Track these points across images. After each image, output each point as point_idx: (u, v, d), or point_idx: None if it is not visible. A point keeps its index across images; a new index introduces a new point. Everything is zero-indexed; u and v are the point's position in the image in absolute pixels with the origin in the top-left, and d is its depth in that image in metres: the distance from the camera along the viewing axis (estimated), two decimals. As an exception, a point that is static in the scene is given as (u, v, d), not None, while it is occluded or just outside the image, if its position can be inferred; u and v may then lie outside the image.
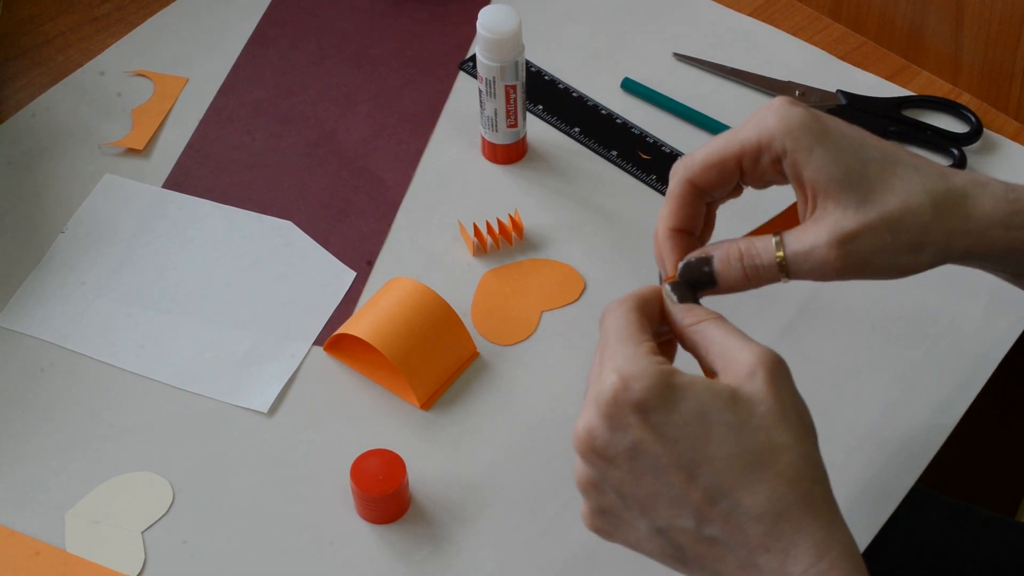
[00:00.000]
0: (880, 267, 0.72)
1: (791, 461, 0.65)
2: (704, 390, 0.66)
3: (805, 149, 0.72)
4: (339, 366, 0.94)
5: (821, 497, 0.66)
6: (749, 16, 1.17)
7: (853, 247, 0.71)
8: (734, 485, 0.66)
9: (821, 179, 0.72)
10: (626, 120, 1.08)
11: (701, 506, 0.66)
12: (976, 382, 0.93)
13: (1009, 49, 1.06)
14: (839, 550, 0.65)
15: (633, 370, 0.67)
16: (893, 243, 0.72)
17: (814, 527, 0.65)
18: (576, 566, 0.85)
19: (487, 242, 1.00)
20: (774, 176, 0.74)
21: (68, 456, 0.90)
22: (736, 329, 0.69)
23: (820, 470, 0.67)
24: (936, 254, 0.73)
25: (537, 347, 0.95)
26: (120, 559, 0.85)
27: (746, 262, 0.73)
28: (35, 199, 1.04)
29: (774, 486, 0.65)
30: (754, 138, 0.73)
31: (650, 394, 0.66)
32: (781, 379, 0.67)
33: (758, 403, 0.66)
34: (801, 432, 0.66)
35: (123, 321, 0.96)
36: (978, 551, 1.01)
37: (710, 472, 0.66)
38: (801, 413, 0.67)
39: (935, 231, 0.72)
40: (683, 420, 0.66)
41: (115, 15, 1.17)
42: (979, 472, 1.24)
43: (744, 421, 0.66)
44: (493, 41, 0.98)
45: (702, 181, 0.74)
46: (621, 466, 0.67)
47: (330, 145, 1.08)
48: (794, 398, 0.67)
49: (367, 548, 0.85)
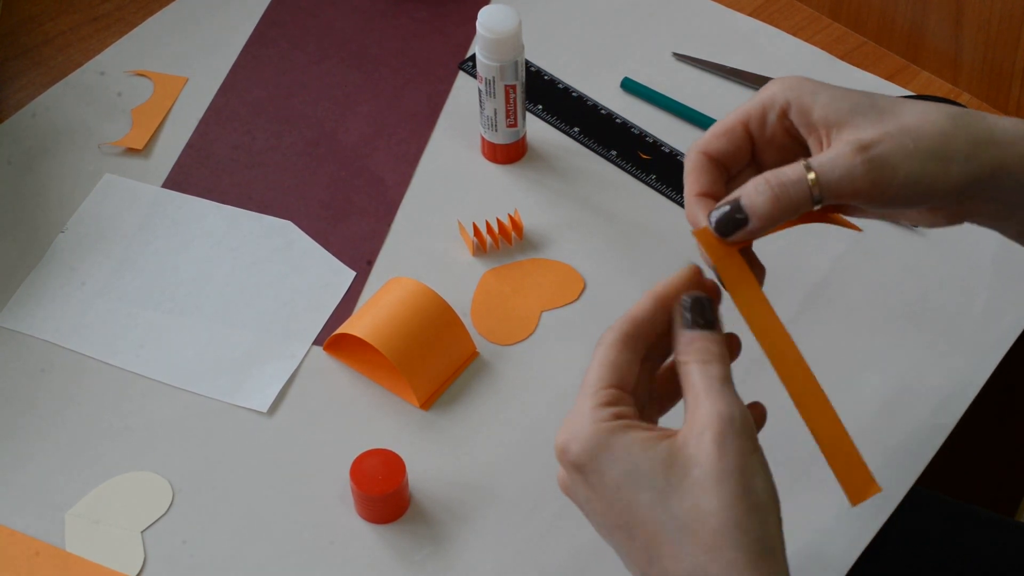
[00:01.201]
0: (909, 177, 0.70)
1: (715, 528, 0.63)
2: (640, 452, 0.65)
3: (809, 93, 0.72)
4: (339, 366, 0.94)
5: (748, 567, 0.63)
6: (749, 16, 1.17)
7: (875, 152, 0.70)
8: (662, 551, 0.65)
9: (831, 113, 0.71)
10: (626, 120, 1.09)
11: (642, 566, 0.66)
12: (976, 382, 0.93)
13: (1009, 49, 1.06)
14: None
15: (574, 431, 0.67)
16: (916, 148, 0.70)
17: None
18: (576, 566, 0.85)
19: (487, 242, 1.00)
20: (785, 139, 0.74)
21: (68, 456, 0.90)
22: (713, 375, 0.67)
23: (754, 540, 0.64)
24: (965, 166, 0.71)
25: (537, 347, 0.95)
26: (120, 559, 0.85)
27: (773, 182, 0.70)
28: (35, 199, 1.04)
29: (695, 555, 0.63)
30: (757, 101, 0.73)
31: (584, 457, 0.66)
32: (729, 439, 0.65)
33: (693, 466, 0.64)
34: (735, 497, 0.64)
35: (123, 321, 0.96)
36: (978, 551, 1.01)
37: (642, 535, 0.65)
38: (745, 474, 0.64)
39: (958, 138, 0.71)
40: (615, 483, 0.66)
41: (115, 15, 1.17)
42: (979, 472, 1.24)
43: (674, 486, 0.65)
44: (493, 41, 0.98)
45: (713, 149, 0.74)
46: (588, 513, 0.69)
47: (330, 145, 1.08)
48: (740, 458, 0.64)
49: (367, 548, 0.85)
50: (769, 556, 0.64)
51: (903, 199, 0.71)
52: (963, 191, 0.71)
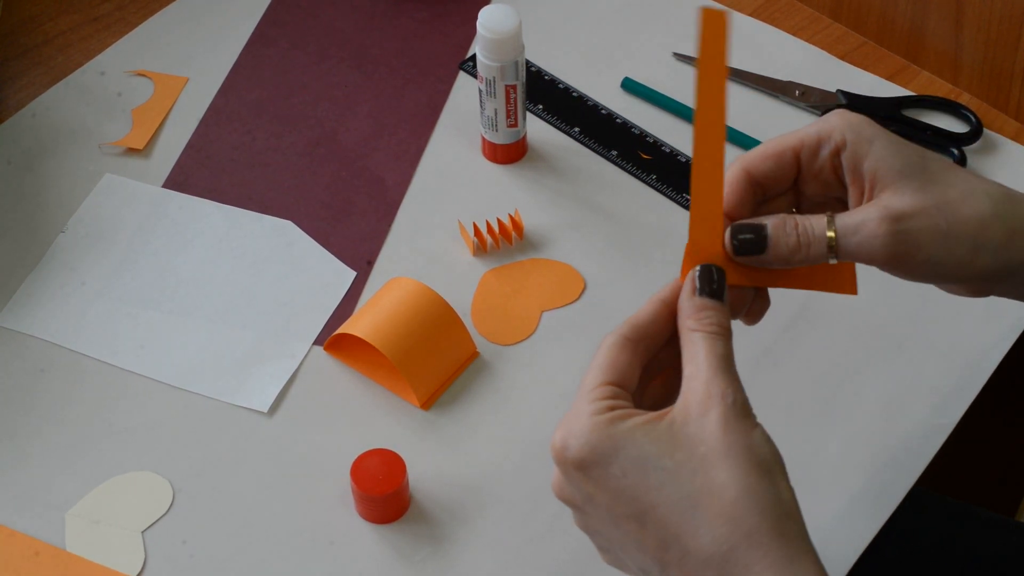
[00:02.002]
0: (934, 256, 0.70)
1: (731, 498, 0.63)
2: (643, 436, 0.65)
3: (866, 140, 0.71)
4: (339, 366, 0.94)
5: (770, 532, 0.63)
6: (749, 16, 1.17)
7: (904, 226, 0.70)
8: (679, 531, 0.64)
9: (881, 167, 0.71)
10: (626, 120, 1.09)
11: (657, 553, 0.65)
12: (976, 382, 0.93)
13: (1009, 49, 1.06)
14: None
15: (572, 428, 0.66)
16: (948, 231, 0.70)
17: (762, 566, 0.63)
18: (576, 566, 0.85)
19: (487, 242, 1.00)
20: (831, 176, 0.73)
21: (68, 456, 0.90)
22: (723, 355, 0.67)
23: (770, 504, 0.64)
24: (995, 257, 0.70)
25: (537, 347, 0.95)
26: (120, 559, 0.85)
27: (800, 230, 0.71)
28: (35, 199, 1.04)
29: (715, 528, 0.63)
30: (814, 132, 0.73)
31: (585, 452, 0.66)
32: (732, 418, 0.65)
33: (698, 443, 0.64)
34: (747, 468, 0.64)
35: (123, 321, 0.96)
36: (978, 551, 1.00)
37: (655, 519, 0.65)
38: (753, 448, 0.64)
39: (994, 228, 0.70)
40: (621, 471, 0.65)
41: (115, 15, 1.17)
42: (979, 472, 1.24)
43: (682, 464, 0.64)
44: (493, 41, 0.98)
45: (757, 170, 0.73)
46: (590, 515, 0.68)
47: (330, 145, 1.08)
48: (746, 435, 0.65)
49: (367, 548, 0.85)
50: (788, 519, 0.64)
51: (923, 276, 0.72)
52: (989, 279, 0.72)
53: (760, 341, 0.93)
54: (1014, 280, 0.73)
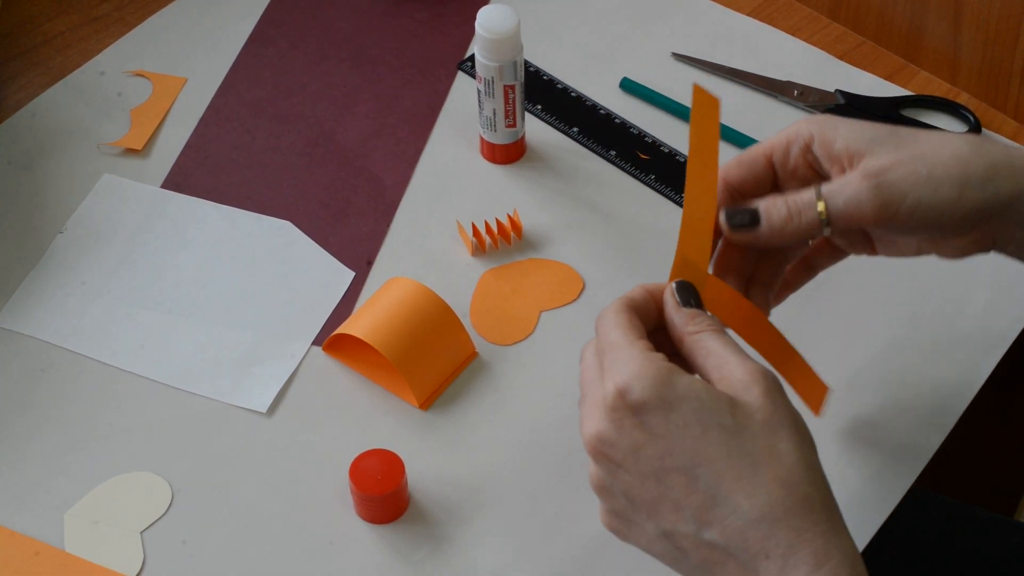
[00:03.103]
0: (921, 200, 0.72)
1: (790, 465, 0.66)
2: (704, 391, 0.67)
3: (831, 127, 0.75)
4: (338, 366, 0.94)
5: (821, 503, 0.66)
6: (748, 16, 1.17)
7: (886, 178, 0.72)
8: (733, 488, 0.66)
9: (852, 142, 0.74)
10: (625, 120, 1.09)
11: (700, 509, 0.66)
12: (975, 381, 0.93)
13: (1007, 49, 1.06)
14: (839, 559, 0.64)
15: (632, 370, 0.67)
16: (929, 174, 0.72)
17: (813, 533, 0.65)
18: (575, 566, 0.85)
19: (486, 242, 1.00)
20: (807, 172, 0.76)
21: (67, 456, 0.90)
22: (733, 342, 0.70)
23: (820, 477, 0.67)
24: (981, 191, 0.72)
25: (536, 347, 0.95)
26: (119, 559, 0.85)
27: (789, 201, 0.74)
28: (34, 199, 1.04)
29: (772, 490, 0.65)
30: (782, 136, 0.76)
31: (648, 395, 0.66)
32: (777, 394, 0.68)
33: (756, 411, 0.67)
34: (798, 440, 0.67)
35: (122, 321, 0.96)
36: (977, 551, 1.01)
37: (709, 473, 0.66)
38: (798, 425, 0.68)
39: (974, 163, 0.72)
40: (683, 421, 0.66)
41: (114, 15, 1.17)
42: (978, 472, 1.24)
43: (743, 425, 0.66)
44: (492, 41, 0.98)
45: (733, 177, 0.76)
46: (629, 469, 0.68)
47: (329, 145, 1.08)
48: (790, 411, 0.68)
49: (366, 548, 0.85)
50: (832, 496, 0.67)
51: (914, 224, 0.73)
52: (981, 216, 0.73)
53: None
54: (1009, 219, 0.74)
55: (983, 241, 0.76)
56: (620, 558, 0.84)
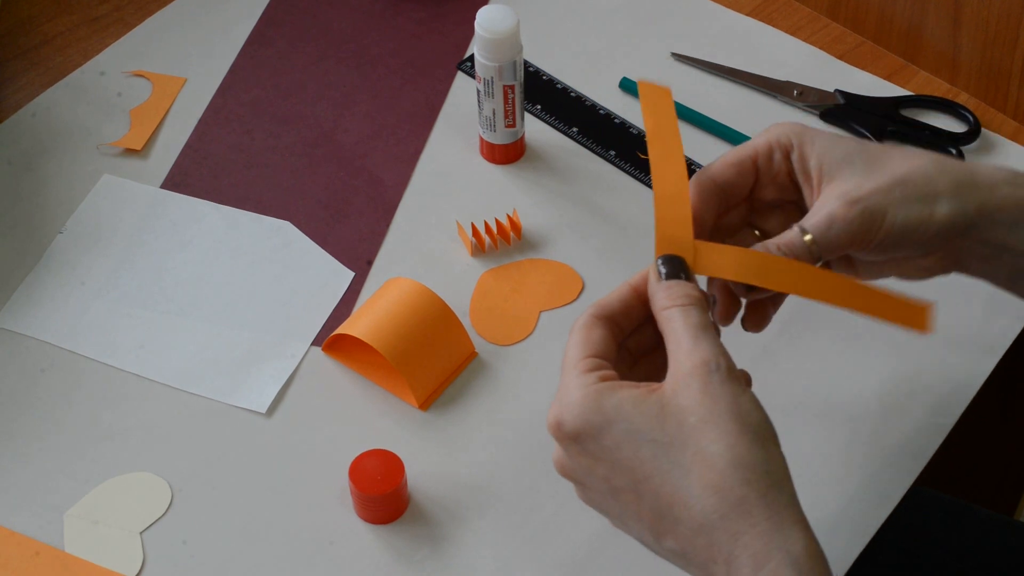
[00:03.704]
0: (898, 221, 0.74)
1: (722, 468, 0.65)
2: (633, 408, 0.67)
3: (808, 141, 0.77)
4: (337, 366, 0.94)
5: (758, 501, 0.64)
6: (747, 16, 1.17)
7: (866, 204, 0.74)
8: (671, 501, 0.66)
9: (825, 160, 0.76)
10: (624, 120, 1.09)
11: (653, 523, 0.67)
12: (975, 382, 0.93)
13: (1007, 49, 1.06)
14: (779, 559, 0.63)
15: (564, 403, 0.68)
16: (903, 196, 0.74)
17: (750, 536, 0.64)
18: (575, 566, 0.85)
19: (485, 242, 1.00)
20: (786, 179, 0.78)
21: (67, 457, 0.90)
22: (699, 322, 0.69)
23: (759, 472, 0.65)
24: (950, 207, 0.75)
25: (535, 347, 0.95)
26: (119, 559, 0.85)
27: (781, 245, 0.75)
28: (34, 199, 1.04)
29: (704, 499, 0.65)
30: (764, 140, 0.78)
31: (578, 424, 0.67)
32: (717, 385, 0.66)
33: (688, 414, 0.66)
34: (734, 437, 0.65)
35: (122, 321, 0.96)
36: (977, 551, 1.01)
37: (648, 490, 0.66)
38: (741, 415, 0.66)
39: (942, 182, 0.75)
40: (614, 444, 0.67)
41: (114, 15, 1.17)
42: (978, 472, 1.24)
43: (672, 436, 0.66)
44: (491, 41, 0.98)
45: (722, 177, 0.77)
46: (590, 487, 0.69)
47: (328, 145, 1.08)
48: (733, 401, 0.66)
49: (366, 548, 0.85)
50: (776, 489, 0.65)
51: (894, 242, 0.75)
52: (951, 230, 0.75)
53: (759, 341, 0.93)
54: (973, 236, 0.76)
55: (947, 260, 0.78)
56: (619, 558, 0.84)
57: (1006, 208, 0.75)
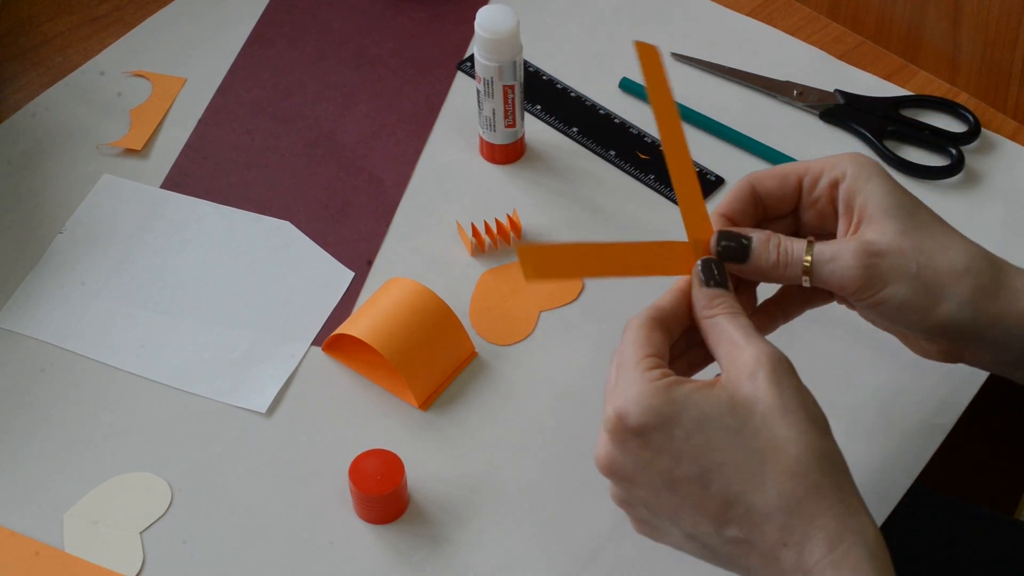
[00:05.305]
0: (898, 295, 0.74)
1: (795, 455, 0.67)
2: (702, 399, 0.68)
3: (864, 177, 0.75)
4: (337, 366, 0.94)
5: (831, 487, 0.67)
6: (747, 16, 1.17)
7: (876, 262, 0.74)
8: (744, 487, 0.67)
9: (871, 204, 0.75)
10: (624, 120, 1.09)
11: (718, 512, 0.68)
12: (975, 381, 0.93)
13: (1007, 49, 1.06)
14: (851, 539, 0.66)
15: (629, 396, 0.69)
16: (918, 274, 0.74)
17: (825, 518, 0.66)
18: (575, 566, 0.85)
19: (485, 242, 1.00)
20: (827, 206, 0.77)
21: (67, 456, 0.90)
22: (745, 324, 0.71)
23: (830, 459, 0.68)
24: (960, 309, 0.74)
25: (535, 347, 0.95)
26: (119, 559, 0.85)
27: (780, 249, 0.75)
28: (34, 199, 1.04)
29: (780, 483, 0.66)
30: (819, 163, 0.77)
31: (646, 417, 0.68)
32: (782, 376, 0.69)
33: (757, 403, 0.68)
34: (805, 425, 0.67)
35: (122, 321, 0.96)
36: (977, 550, 1.01)
37: (719, 478, 0.68)
38: (806, 406, 0.68)
39: (963, 282, 0.74)
40: (684, 434, 0.68)
41: (114, 15, 1.17)
42: (979, 472, 1.24)
43: (744, 423, 0.67)
44: (491, 41, 0.98)
45: (761, 185, 0.78)
46: (642, 484, 0.70)
47: (328, 145, 1.08)
48: (797, 392, 0.68)
49: (366, 548, 0.85)
50: (845, 476, 0.68)
51: (889, 314, 0.75)
52: (948, 333, 0.75)
53: (759, 341, 0.94)
54: (981, 344, 0.76)
55: (951, 354, 0.78)
56: (620, 558, 0.84)
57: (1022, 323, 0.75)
